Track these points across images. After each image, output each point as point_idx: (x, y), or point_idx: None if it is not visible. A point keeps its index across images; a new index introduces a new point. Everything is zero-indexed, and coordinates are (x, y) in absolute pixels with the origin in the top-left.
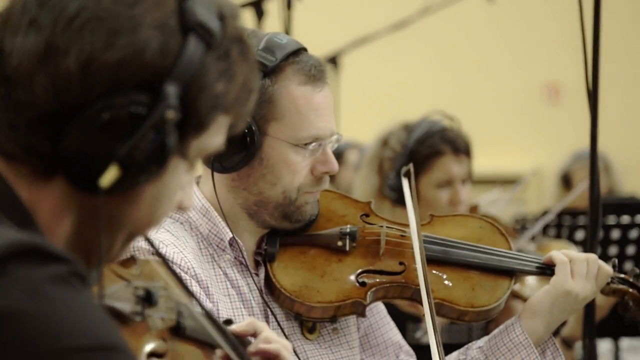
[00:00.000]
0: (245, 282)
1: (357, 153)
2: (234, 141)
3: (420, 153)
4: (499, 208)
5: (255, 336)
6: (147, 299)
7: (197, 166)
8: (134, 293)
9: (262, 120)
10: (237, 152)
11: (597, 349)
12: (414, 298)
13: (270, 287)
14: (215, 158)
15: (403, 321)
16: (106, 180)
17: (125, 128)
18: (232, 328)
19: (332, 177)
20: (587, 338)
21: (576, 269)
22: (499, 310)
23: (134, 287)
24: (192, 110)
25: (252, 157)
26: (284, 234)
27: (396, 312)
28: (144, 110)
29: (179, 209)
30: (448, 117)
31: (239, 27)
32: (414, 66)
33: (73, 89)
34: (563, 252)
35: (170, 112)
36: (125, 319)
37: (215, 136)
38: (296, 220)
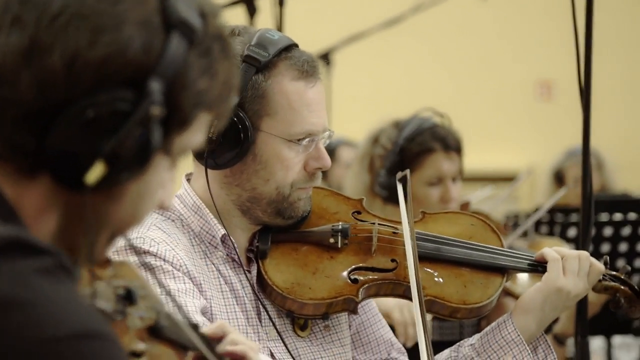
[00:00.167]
0: (238, 279)
1: (350, 150)
2: (227, 137)
3: (411, 150)
4: (492, 205)
5: (222, 338)
6: (128, 298)
7: (189, 163)
8: (114, 292)
9: (255, 116)
10: (230, 148)
11: (590, 347)
12: (406, 295)
13: (263, 284)
14: (208, 154)
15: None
16: (92, 177)
17: (110, 125)
18: (202, 330)
19: (325, 174)
20: (579, 335)
21: (568, 266)
22: (491, 307)
23: (114, 286)
24: (175, 107)
25: (245, 153)
26: (276, 230)
27: None
28: (129, 107)
29: (159, 207)
30: (438, 114)
31: (220, 25)
32: (407, 63)
33: (58, 87)
34: (555, 250)
35: (155, 108)
36: (107, 317)
37: (197, 133)
38: (289, 216)
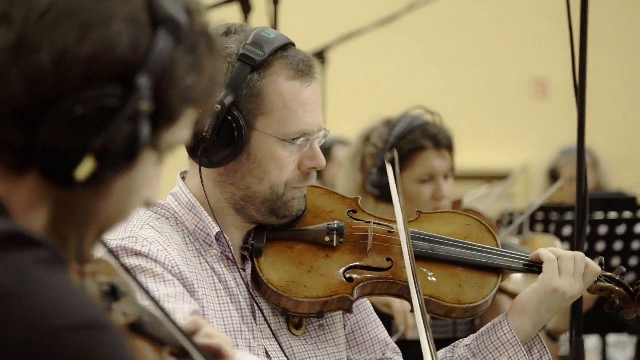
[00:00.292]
0: (233, 277)
1: (345, 149)
2: (221, 136)
3: (402, 148)
4: (487, 204)
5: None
6: (113, 294)
7: (184, 161)
8: (99, 288)
9: (250, 115)
10: (224, 147)
11: (585, 345)
12: (401, 294)
13: (257, 282)
14: (202, 153)
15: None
16: (82, 173)
17: (99, 121)
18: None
19: (320, 173)
20: (574, 334)
21: (564, 267)
22: (486, 307)
23: (99, 282)
24: (163, 103)
25: (239, 151)
26: (271, 229)
27: None
28: (117, 103)
29: (146, 204)
30: (429, 112)
31: (205, 22)
32: (402, 62)
33: (47, 83)
34: (551, 250)
35: (144, 104)
36: None
37: (184, 129)
38: (283, 215)
